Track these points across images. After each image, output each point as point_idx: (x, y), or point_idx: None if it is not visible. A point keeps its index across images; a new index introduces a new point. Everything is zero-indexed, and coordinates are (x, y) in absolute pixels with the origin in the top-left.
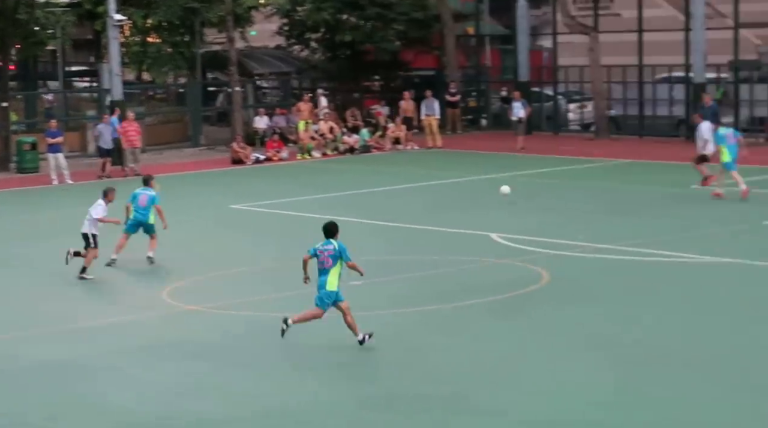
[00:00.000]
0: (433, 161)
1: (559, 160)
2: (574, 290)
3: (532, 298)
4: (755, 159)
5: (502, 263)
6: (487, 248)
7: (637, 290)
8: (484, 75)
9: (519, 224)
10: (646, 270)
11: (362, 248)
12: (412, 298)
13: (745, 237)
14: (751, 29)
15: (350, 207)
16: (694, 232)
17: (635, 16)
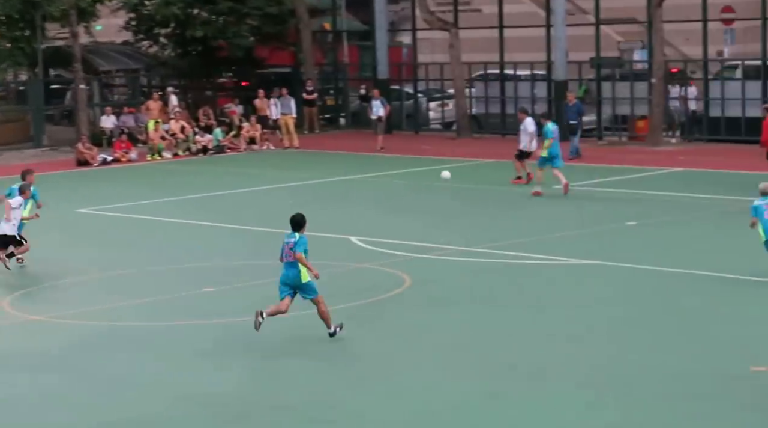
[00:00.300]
0: (290, 162)
1: (419, 160)
2: (437, 293)
3: (394, 303)
4: (618, 159)
5: (362, 268)
6: (347, 252)
7: (500, 293)
8: (342, 72)
9: (379, 226)
10: (509, 273)
11: (217, 253)
12: (269, 304)
13: (608, 238)
14: (613, 26)
15: (203, 210)
16: (559, 233)
17: (496, 12)
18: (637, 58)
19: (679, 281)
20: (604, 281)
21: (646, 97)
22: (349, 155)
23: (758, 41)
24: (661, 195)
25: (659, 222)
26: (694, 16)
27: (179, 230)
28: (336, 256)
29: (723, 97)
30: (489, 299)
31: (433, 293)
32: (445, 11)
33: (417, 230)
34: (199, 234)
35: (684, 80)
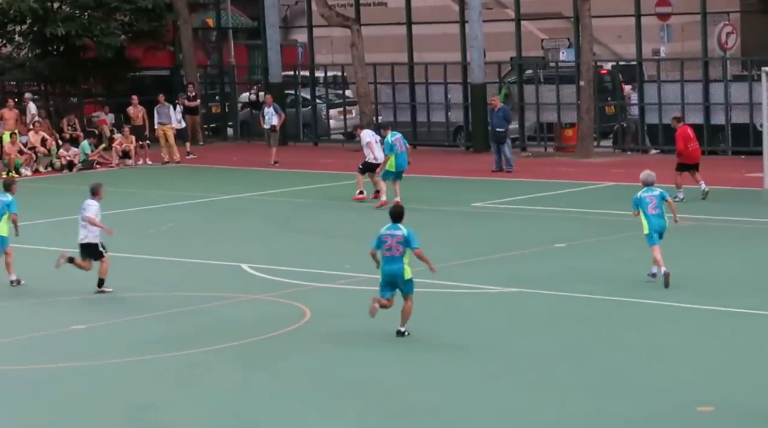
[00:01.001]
0: (170, 179)
1: (319, 175)
2: (340, 329)
3: (292, 340)
4: (544, 172)
5: (256, 299)
6: (238, 282)
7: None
8: (228, 75)
9: (275, 252)
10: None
11: (84, 285)
12: (148, 343)
13: (534, 262)
14: (535, 21)
15: (69, 235)
16: (478, 258)
17: (403, 7)
18: (564, 58)
19: (613, 310)
20: (529, 311)
21: (575, 103)
22: (238, 170)
23: (698, 38)
24: (593, 213)
25: (591, 244)
26: (627, 11)
27: (39, 258)
28: (225, 286)
29: (660, 102)
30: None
31: (336, 328)
32: (346, 5)
33: (318, 256)
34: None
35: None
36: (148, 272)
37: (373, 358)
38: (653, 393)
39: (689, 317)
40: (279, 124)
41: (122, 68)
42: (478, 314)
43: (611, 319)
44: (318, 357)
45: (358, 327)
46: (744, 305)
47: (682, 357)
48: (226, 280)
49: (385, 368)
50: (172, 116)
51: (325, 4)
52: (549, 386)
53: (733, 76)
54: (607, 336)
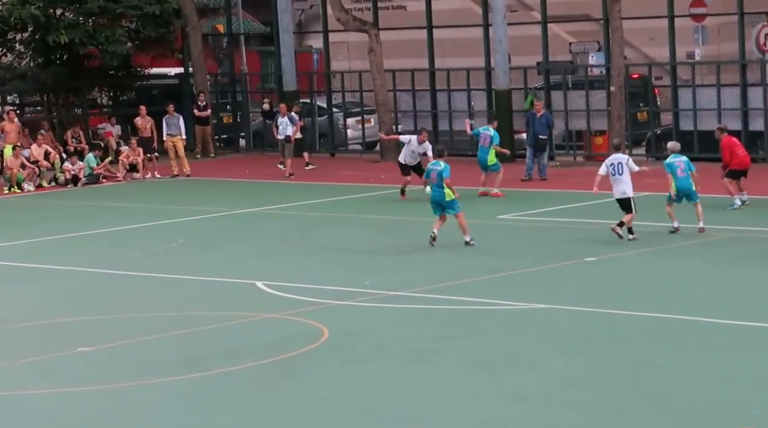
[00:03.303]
0: (180, 193)
1: (336, 188)
2: (360, 348)
3: (309, 361)
4: (573, 182)
5: (271, 318)
6: (252, 300)
7: (435, 346)
8: (240, 84)
9: (291, 268)
10: (445, 321)
11: (90, 305)
12: (158, 366)
13: (563, 277)
14: (563, 24)
15: (75, 252)
16: (505, 272)
17: (423, 10)
18: (593, 62)
19: (645, 327)
20: (559, 328)
21: (605, 109)
22: (252, 184)
23: (735, 40)
24: None
25: (624, 257)
26: (659, 12)
27: (45, 277)
28: (239, 305)
29: (695, 108)
30: (422, 354)
31: (356, 347)
32: (363, 9)
33: (335, 272)
34: (70, 282)
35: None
36: (156, 291)
37: (396, 379)
38: (690, 413)
39: (723, 332)
40: (294, 134)
41: (129, 77)
42: (506, 332)
43: (644, 336)
44: (337, 378)
45: (378, 347)
46: None
47: (717, 374)
48: (239, 298)
49: (409, 389)
50: (182, 127)
51: (341, 8)
52: (581, 407)
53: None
54: (641, 353)
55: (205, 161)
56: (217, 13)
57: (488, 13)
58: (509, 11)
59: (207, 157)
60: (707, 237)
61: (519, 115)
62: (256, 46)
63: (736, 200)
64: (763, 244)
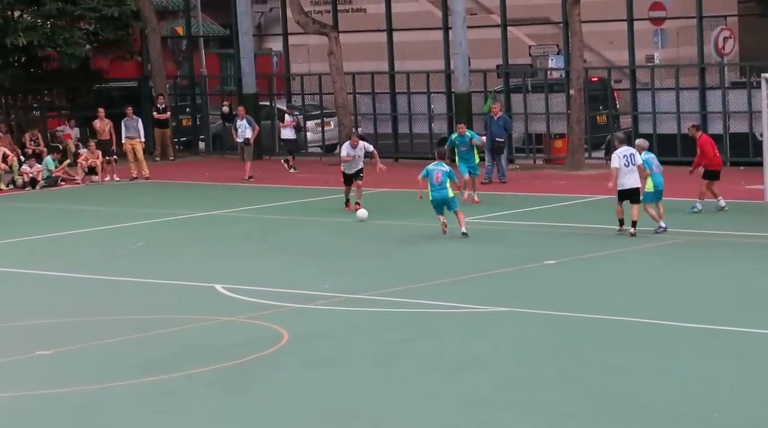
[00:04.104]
0: (139, 196)
1: (296, 191)
2: (320, 351)
3: (269, 364)
4: (533, 185)
5: (231, 322)
6: (212, 303)
7: (396, 350)
8: (199, 86)
9: (250, 271)
10: (407, 325)
11: (49, 308)
12: (118, 369)
13: (524, 280)
14: (522, 27)
15: (32, 256)
16: (466, 275)
17: (383, 13)
18: (553, 65)
19: (606, 331)
20: (519, 332)
21: (564, 112)
22: (211, 186)
23: (694, 44)
24: (584, 228)
25: (584, 260)
26: (618, 15)
27: (2, 279)
28: (199, 308)
29: (654, 111)
30: (382, 357)
31: (316, 351)
32: (323, 12)
33: (295, 275)
34: (27, 285)
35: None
36: (117, 294)
37: (357, 383)
38: (649, 417)
39: (682, 336)
40: (253, 137)
41: (87, 80)
42: (465, 335)
43: (604, 339)
44: (298, 382)
45: (338, 350)
46: (742, 323)
47: (677, 378)
48: (199, 302)
49: (369, 393)
50: (141, 130)
51: (301, 11)
52: (541, 410)
53: (732, 83)
54: (600, 356)
55: (165, 164)
56: (176, 15)
57: (448, 16)
58: (469, 14)
59: (166, 160)
60: (667, 240)
61: (479, 118)
62: (215, 49)
63: (698, 204)
64: (724, 247)
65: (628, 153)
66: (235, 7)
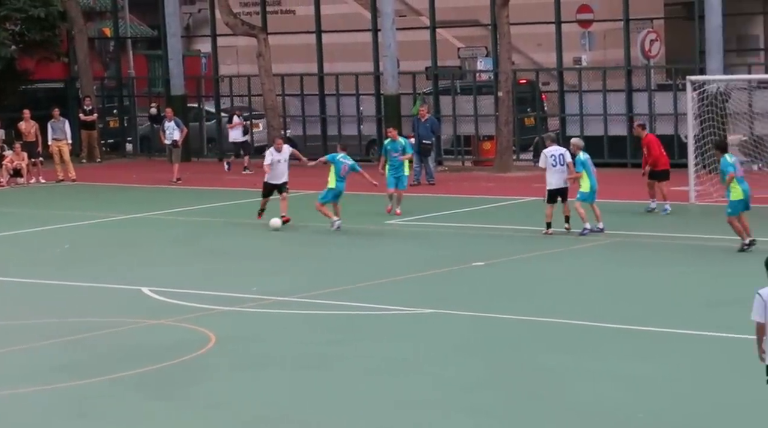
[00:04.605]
0: (65, 198)
1: (224, 193)
2: (248, 354)
3: (196, 367)
4: (462, 187)
5: (157, 325)
6: (138, 306)
7: (325, 352)
8: (127, 88)
9: (177, 274)
10: (335, 327)
11: None
12: (42, 373)
13: (452, 282)
14: (451, 29)
15: None
16: (394, 277)
17: (312, 14)
18: (481, 67)
19: (536, 332)
20: (448, 333)
21: (493, 114)
22: (138, 189)
23: (621, 46)
24: (512, 230)
25: (511, 262)
26: (546, 18)
27: None
28: (124, 311)
29: (582, 113)
30: (312, 360)
31: (244, 354)
32: (252, 13)
33: (223, 278)
34: None
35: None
36: (41, 297)
37: (286, 386)
38: (580, 417)
39: (611, 336)
40: (181, 139)
41: (13, 81)
42: (395, 337)
43: (534, 340)
44: (224, 385)
45: (266, 353)
46: (667, 324)
47: (606, 378)
48: (125, 305)
49: (300, 396)
50: (67, 132)
51: (229, 12)
52: (474, 412)
53: (658, 86)
54: (531, 357)
55: (91, 166)
56: (103, 16)
57: (377, 17)
58: (398, 16)
59: (93, 162)
60: (594, 242)
61: (408, 119)
62: (143, 50)
63: (663, 204)
64: (650, 249)
65: (557, 153)
66: (163, 9)
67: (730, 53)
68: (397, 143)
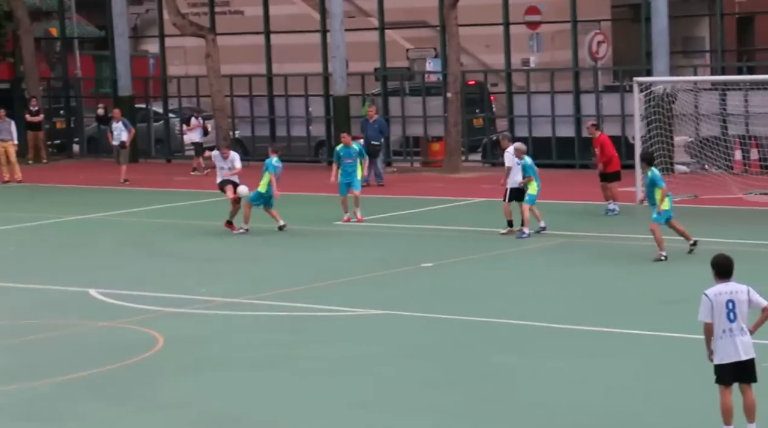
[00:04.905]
0: (12, 200)
1: (172, 194)
2: (196, 356)
3: (143, 369)
4: (411, 188)
5: (105, 327)
6: (85, 308)
7: (271, 353)
8: (74, 88)
9: (125, 276)
10: (282, 328)
11: None
12: None
13: (400, 283)
14: (400, 30)
15: None
16: (343, 279)
17: (260, 15)
18: (430, 68)
19: (485, 333)
20: (398, 334)
21: (442, 115)
22: (86, 190)
23: (568, 48)
24: (461, 231)
25: (460, 262)
26: (495, 19)
27: None
28: (72, 313)
29: (530, 114)
30: (261, 361)
31: (192, 356)
32: (200, 14)
33: (172, 280)
34: None
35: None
36: None
37: (235, 387)
38: (529, 417)
39: (561, 336)
40: (129, 140)
41: None
42: (345, 338)
43: (482, 341)
44: (173, 386)
45: (215, 355)
46: (616, 324)
47: (556, 378)
48: (72, 307)
49: (248, 397)
50: (13, 132)
51: (177, 13)
52: (425, 413)
53: (605, 87)
54: (479, 358)
55: (38, 167)
56: (50, 16)
57: (326, 19)
58: (347, 17)
59: (39, 163)
60: (543, 242)
61: (357, 120)
62: (90, 51)
63: (613, 204)
64: (600, 249)
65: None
66: (110, 9)
67: (677, 55)
68: (351, 148)
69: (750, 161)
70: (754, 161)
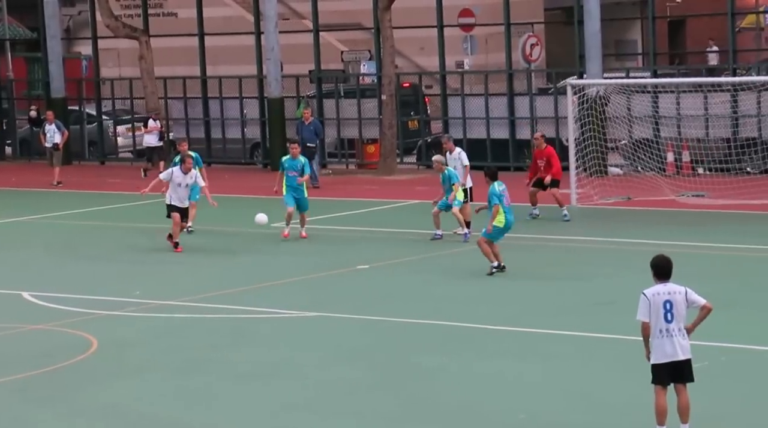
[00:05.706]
0: None
1: (106, 196)
2: (130, 359)
3: (77, 372)
4: (346, 190)
5: (37, 330)
6: (17, 311)
7: (208, 356)
8: (6, 90)
9: (58, 278)
10: (218, 331)
11: None
12: None
13: (336, 285)
14: (335, 32)
15: None
16: (279, 281)
17: (194, 17)
18: (365, 70)
19: (417, 335)
20: (331, 337)
21: (377, 118)
22: (18, 192)
23: (502, 50)
24: (396, 232)
25: (394, 264)
26: (429, 22)
27: None
28: (4, 316)
29: (464, 116)
30: (194, 364)
31: (126, 358)
32: (133, 16)
33: (105, 282)
34: None
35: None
36: None
37: (168, 390)
38: (459, 418)
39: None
40: (62, 142)
41: None
42: (278, 341)
43: (414, 343)
44: (107, 390)
45: (149, 357)
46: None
47: (485, 379)
48: (4, 309)
49: (181, 400)
50: None
51: (110, 15)
52: (356, 415)
53: (539, 90)
54: (412, 360)
55: None
56: None
57: (260, 21)
58: (281, 19)
59: None
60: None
61: (292, 122)
62: (22, 52)
63: (564, 210)
64: (535, 251)
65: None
66: (42, 10)
67: (609, 57)
68: (297, 161)
69: (682, 163)
70: (686, 163)
